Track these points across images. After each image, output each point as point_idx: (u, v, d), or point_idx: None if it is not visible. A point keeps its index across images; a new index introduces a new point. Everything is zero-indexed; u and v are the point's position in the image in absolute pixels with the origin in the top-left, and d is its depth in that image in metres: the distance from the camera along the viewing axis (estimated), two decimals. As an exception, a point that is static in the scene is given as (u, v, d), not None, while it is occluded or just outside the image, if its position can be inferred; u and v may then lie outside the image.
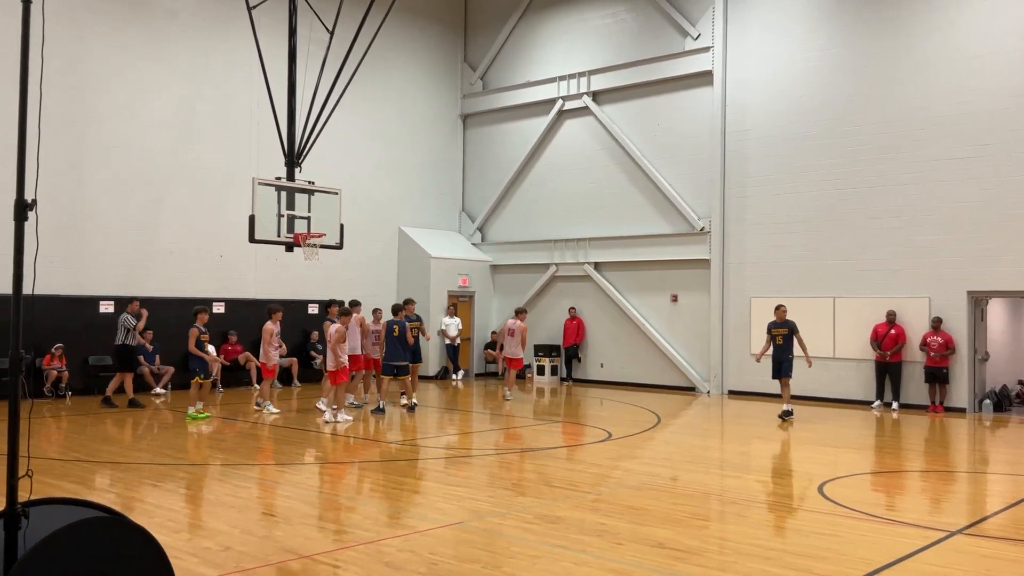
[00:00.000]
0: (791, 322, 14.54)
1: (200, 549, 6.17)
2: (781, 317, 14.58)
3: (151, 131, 17.84)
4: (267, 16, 17.17)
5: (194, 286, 18.31)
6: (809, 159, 17.74)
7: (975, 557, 6.26)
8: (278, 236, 14.74)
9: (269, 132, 17.06)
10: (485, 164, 23.71)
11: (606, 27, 21.24)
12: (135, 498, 7.92)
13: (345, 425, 12.89)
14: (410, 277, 22.17)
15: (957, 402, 15.88)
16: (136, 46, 17.66)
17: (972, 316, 15.99)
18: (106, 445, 11.03)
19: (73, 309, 16.41)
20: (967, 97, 15.87)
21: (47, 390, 15.82)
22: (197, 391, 13.65)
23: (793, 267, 17.94)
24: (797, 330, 14.44)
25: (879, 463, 10.62)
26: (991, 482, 9.66)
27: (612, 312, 20.83)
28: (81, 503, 4.24)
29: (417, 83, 23.03)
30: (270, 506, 7.90)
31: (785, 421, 14.04)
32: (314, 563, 5.87)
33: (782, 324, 14.53)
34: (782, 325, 14.52)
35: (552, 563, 5.94)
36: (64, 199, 16.37)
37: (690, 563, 5.96)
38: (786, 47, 18.18)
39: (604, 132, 21.08)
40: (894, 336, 16.26)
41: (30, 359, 4.05)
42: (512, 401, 16.72)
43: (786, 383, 14.55)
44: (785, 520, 7.27)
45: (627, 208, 20.66)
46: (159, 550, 4.09)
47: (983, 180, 15.64)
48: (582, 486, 8.72)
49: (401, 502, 8.08)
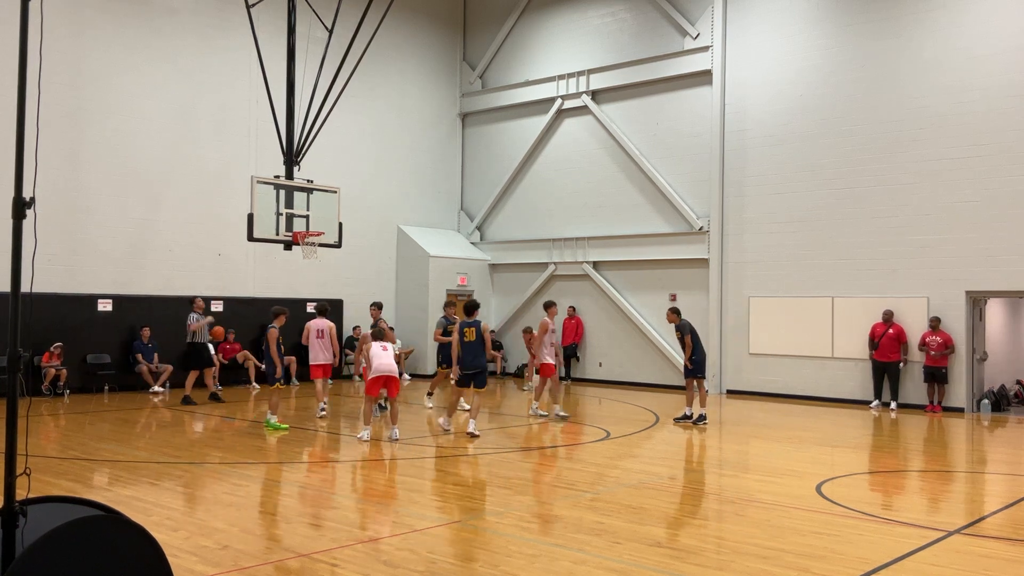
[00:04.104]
0: (684, 323, 13.80)
1: (198, 547, 6.16)
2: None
3: (150, 129, 17.83)
4: (266, 14, 17.17)
5: (193, 284, 18.30)
6: (808, 159, 17.75)
7: (973, 557, 6.26)
8: (277, 235, 14.73)
9: (268, 130, 17.05)
10: (484, 163, 23.70)
11: (605, 26, 21.23)
12: (133, 496, 7.91)
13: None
14: (409, 276, 22.18)
15: (955, 402, 15.90)
16: (135, 44, 17.64)
17: (970, 316, 16.01)
18: (104, 443, 11.02)
19: (71, 307, 16.40)
20: (966, 97, 15.88)
21: (45, 388, 15.80)
22: (279, 398, 12.63)
23: (792, 267, 17.95)
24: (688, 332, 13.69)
25: (877, 463, 10.62)
26: (989, 482, 9.66)
27: (611, 311, 20.84)
28: (79, 501, 4.23)
29: (416, 82, 23.02)
30: (268, 504, 7.89)
31: (698, 425, 13.42)
32: (312, 561, 5.87)
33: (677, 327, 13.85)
34: (678, 328, 13.78)
35: (550, 562, 5.94)
36: (62, 197, 16.36)
37: (688, 562, 5.96)
38: (785, 46, 18.19)
39: (603, 131, 21.08)
40: (892, 336, 16.27)
41: (28, 357, 4.05)
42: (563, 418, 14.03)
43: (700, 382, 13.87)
44: (783, 519, 7.27)
45: (626, 207, 20.67)
46: (157, 548, 4.09)
47: (982, 180, 15.65)
48: (580, 485, 8.72)
49: (399, 501, 8.08)
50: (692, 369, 13.66)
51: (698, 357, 13.68)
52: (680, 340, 13.81)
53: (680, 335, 13.75)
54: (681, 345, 13.81)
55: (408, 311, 21.98)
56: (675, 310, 13.99)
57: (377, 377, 11.38)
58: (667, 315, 14.06)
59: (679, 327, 13.77)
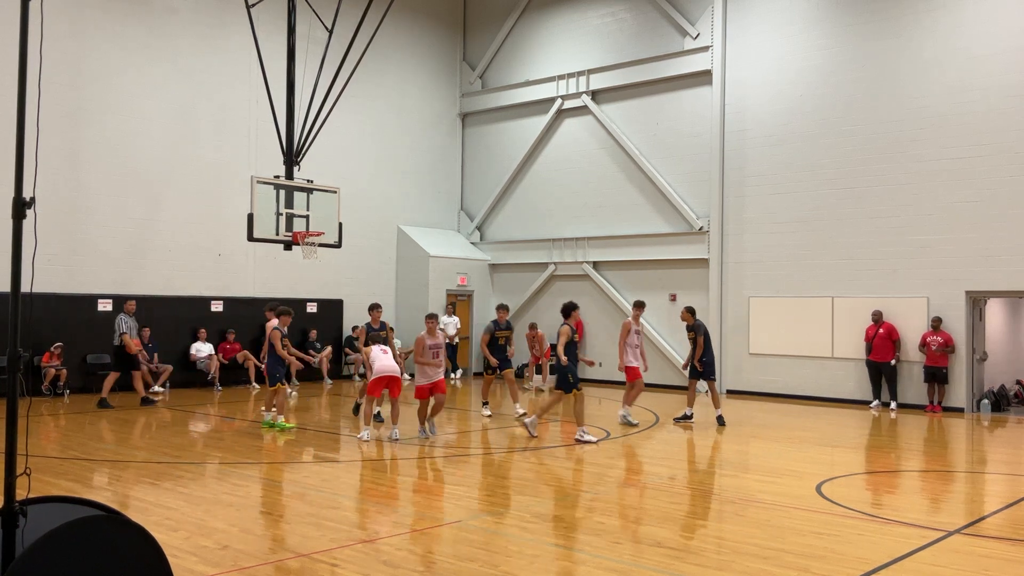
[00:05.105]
0: (700, 323, 13.76)
1: (198, 547, 6.16)
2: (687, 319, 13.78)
3: (150, 129, 17.83)
4: (266, 14, 17.17)
5: (192, 284, 18.32)
6: (808, 159, 17.75)
7: (973, 557, 6.26)
8: (277, 235, 14.73)
9: (268, 130, 17.05)
10: (484, 163, 23.70)
11: (605, 26, 21.23)
12: (133, 496, 7.91)
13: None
14: (409, 276, 22.18)
15: (955, 402, 15.89)
16: (135, 43, 17.64)
17: (970, 316, 16.01)
18: (104, 443, 11.02)
19: (71, 307, 16.40)
20: (966, 97, 15.88)
21: (45, 388, 15.81)
22: (283, 399, 12.52)
23: (791, 267, 17.95)
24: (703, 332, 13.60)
25: (877, 463, 10.62)
26: (989, 482, 9.66)
27: (611, 311, 20.84)
28: (79, 501, 4.23)
29: (416, 82, 23.02)
30: (268, 504, 7.89)
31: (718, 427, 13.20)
32: (312, 561, 5.87)
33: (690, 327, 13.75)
34: (690, 328, 13.70)
35: (550, 562, 5.94)
36: (62, 197, 16.36)
37: (688, 562, 5.96)
38: (785, 46, 18.19)
39: (603, 131, 21.08)
40: (883, 335, 16.26)
41: (28, 357, 4.05)
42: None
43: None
44: (783, 519, 7.27)
45: (626, 207, 20.67)
46: (157, 548, 4.09)
47: (982, 180, 15.65)
48: (580, 485, 8.72)
49: (399, 501, 8.08)
50: (702, 371, 13.53)
51: (708, 359, 13.56)
52: (692, 340, 13.65)
53: (694, 335, 13.61)
54: (692, 345, 13.66)
55: (408, 311, 21.96)
56: (690, 310, 13.87)
57: (379, 378, 11.49)
58: (681, 314, 13.95)
59: (693, 327, 13.63)
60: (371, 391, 11.66)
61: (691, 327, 13.68)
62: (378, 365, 11.47)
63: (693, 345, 13.64)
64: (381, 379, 11.47)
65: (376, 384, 11.53)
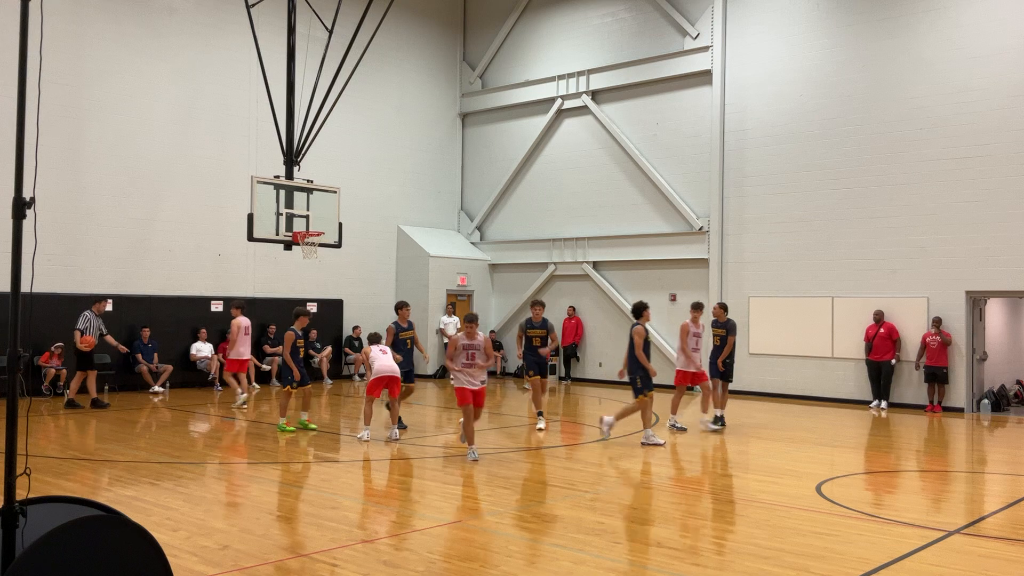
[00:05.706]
0: (732, 322, 13.48)
1: (198, 547, 6.16)
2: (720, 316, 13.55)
3: (150, 128, 17.83)
4: (266, 14, 17.16)
5: (192, 284, 18.31)
6: (808, 159, 17.75)
7: (973, 557, 6.26)
8: (277, 234, 14.74)
9: (268, 130, 17.06)
10: (484, 163, 23.70)
11: (605, 26, 21.23)
12: (133, 496, 7.91)
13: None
14: (409, 276, 22.17)
15: (955, 402, 15.90)
16: (135, 43, 17.64)
17: (970, 316, 16.01)
18: (104, 443, 11.02)
19: (71, 307, 16.34)
20: (967, 97, 15.88)
21: (45, 388, 15.80)
22: (287, 400, 12.48)
23: (792, 267, 17.95)
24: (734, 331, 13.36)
25: (877, 463, 10.62)
26: (989, 482, 9.66)
27: (610, 311, 20.84)
28: (79, 501, 4.23)
29: (416, 82, 23.02)
30: (268, 504, 7.89)
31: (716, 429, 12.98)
32: (312, 561, 5.87)
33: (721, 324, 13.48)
34: (721, 326, 13.45)
35: (550, 562, 5.94)
36: (62, 196, 16.36)
37: (688, 562, 5.96)
38: (785, 47, 18.19)
39: (603, 131, 21.09)
40: (884, 335, 16.26)
41: (28, 357, 4.05)
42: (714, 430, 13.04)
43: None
44: (783, 519, 7.27)
45: (626, 207, 20.67)
46: (157, 548, 4.09)
47: (982, 180, 15.65)
48: (580, 485, 8.72)
49: (399, 501, 8.08)
50: (724, 372, 13.18)
51: (731, 360, 13.29)
52: (722, 339, 13.21)
53: (725, 333, 13.18)
54: (721, 343, 13.24)
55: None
56: (723, 306, 13.50)
57: (379, 378, 11.56)
58: (714, 309, 13.60)
59: (725, 324, 13.21)
60: (371, 391, 11.69)
61: (722, 324, 13.28)
62: (377, 365, 11.54)
63: (722, 344, 13.20)
64: (381, 379, 11.53)
65: (376, 384, 11.57)
